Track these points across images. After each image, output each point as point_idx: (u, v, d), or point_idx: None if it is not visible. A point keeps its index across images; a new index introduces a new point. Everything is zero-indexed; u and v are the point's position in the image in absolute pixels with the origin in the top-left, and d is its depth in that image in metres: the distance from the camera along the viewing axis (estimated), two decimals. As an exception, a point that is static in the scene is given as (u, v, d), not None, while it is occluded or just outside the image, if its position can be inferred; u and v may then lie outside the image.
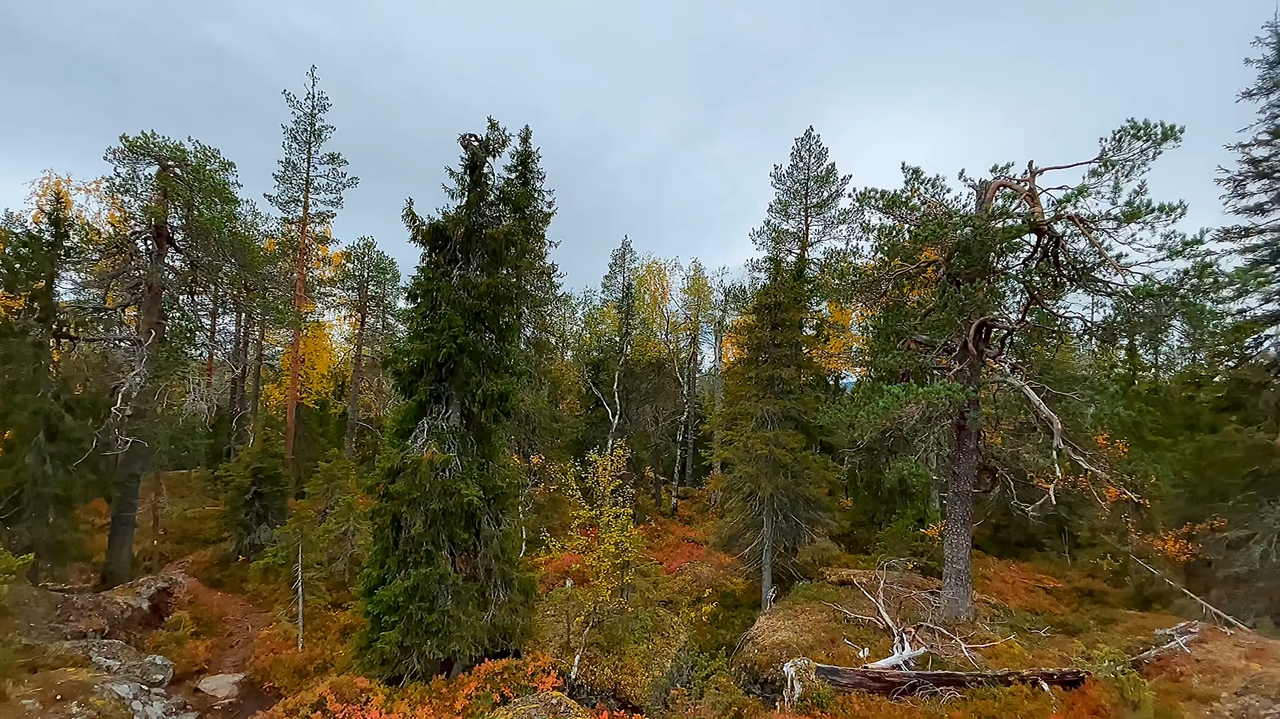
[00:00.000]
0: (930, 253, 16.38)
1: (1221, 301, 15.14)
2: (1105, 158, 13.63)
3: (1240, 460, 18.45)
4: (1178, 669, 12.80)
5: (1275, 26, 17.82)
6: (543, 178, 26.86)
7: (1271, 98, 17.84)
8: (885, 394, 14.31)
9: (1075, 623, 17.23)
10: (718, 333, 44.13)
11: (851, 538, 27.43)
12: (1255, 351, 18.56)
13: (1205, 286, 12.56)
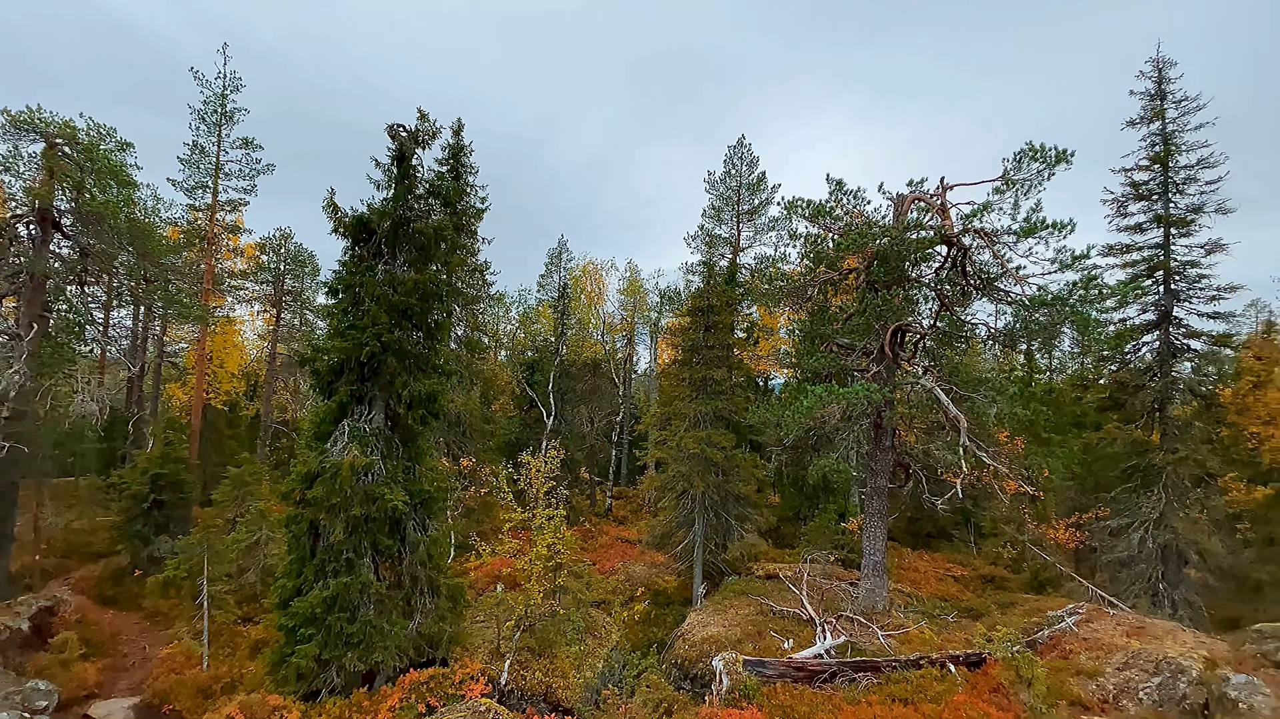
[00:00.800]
0: (852, 261, 17.17)
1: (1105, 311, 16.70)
2: (1007, 176, 14.74)
3: (1121, 455, 20.46)
4: (1067, 647, 14.02)
5: (1156, 63, 19.84)
6: (476, 173, 26.27)
7: (1151, 127, 19.84)
8: (809, 394, 14.91)
9: (979, 607, 18.52)
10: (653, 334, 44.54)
11: (779, 533, 28.35)
12: (1133, 357, 20.58)
13: (1091, 297, 13.81)
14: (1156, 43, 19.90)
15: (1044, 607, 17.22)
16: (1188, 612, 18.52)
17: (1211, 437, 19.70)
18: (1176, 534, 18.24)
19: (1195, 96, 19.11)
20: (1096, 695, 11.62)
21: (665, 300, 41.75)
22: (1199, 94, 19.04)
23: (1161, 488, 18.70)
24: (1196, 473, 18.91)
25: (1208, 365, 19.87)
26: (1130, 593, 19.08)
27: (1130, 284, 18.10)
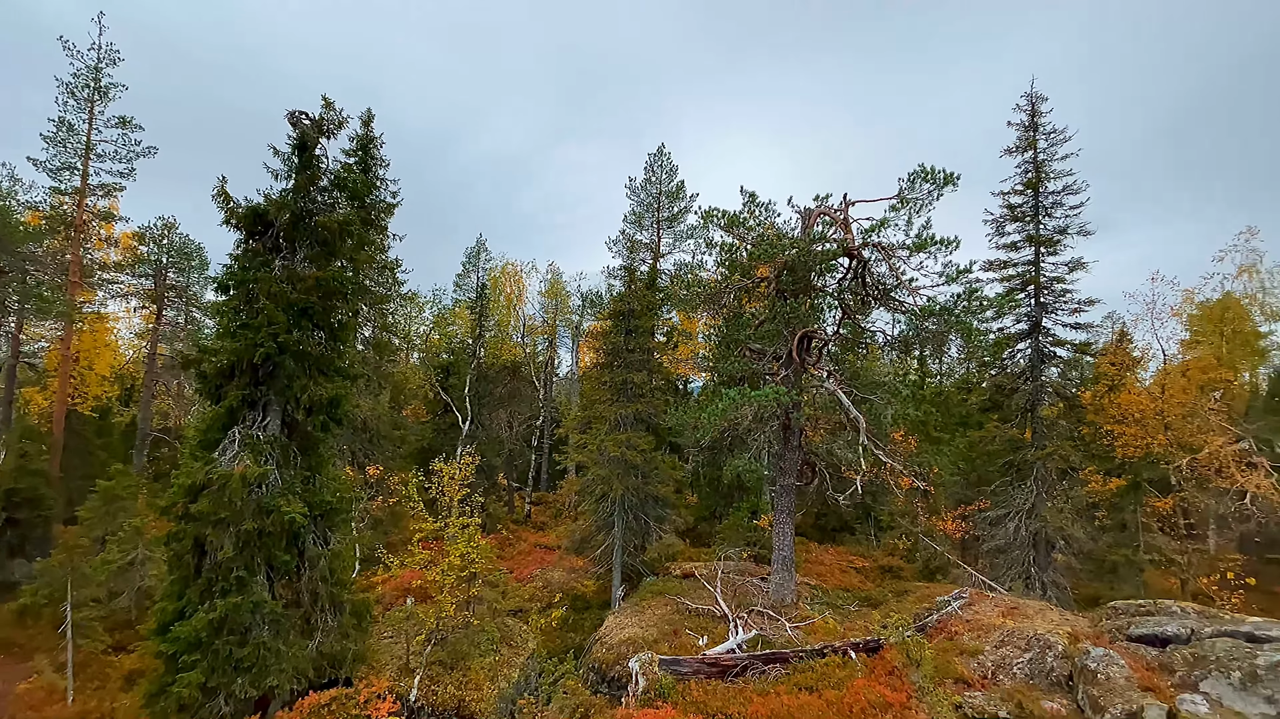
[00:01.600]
0: (764, 269, 17.93)
1: (985, 321, 18.39)
2: (902, 195, 15.90)
3: (1000, 452, 22.48)
4: (953, 629, 15.23)
5: (1030, 97, 22.02)
6: (387, 165, 25.18)
7: (1025, 155, 22.00)
8: (724, 397, 15.42)
9: (877, 596, 19.77)
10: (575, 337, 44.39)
11: (695, 532, 29.01)
12: (1010, 363, 22.71)
13: (973, 308, 15.17)
14: (1031, 78, 22.13)
15: (934, 593, 18.62)
16: (1055, 592, 20.61)
17: (1074, 434, 22.07)
18: (1045, 522, 20.28)
19: (1062, 130, 21.42)
20: (977, 672, 12.71)
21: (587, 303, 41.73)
22: (1065, 127, 21.34)
23: (1033, 481, 20.73)
24: (1061, 466, 21.11)
25: (1071, 370, 22.29)
26: (1007, 577, 21.00)
27: (1006, 297, 20.02)
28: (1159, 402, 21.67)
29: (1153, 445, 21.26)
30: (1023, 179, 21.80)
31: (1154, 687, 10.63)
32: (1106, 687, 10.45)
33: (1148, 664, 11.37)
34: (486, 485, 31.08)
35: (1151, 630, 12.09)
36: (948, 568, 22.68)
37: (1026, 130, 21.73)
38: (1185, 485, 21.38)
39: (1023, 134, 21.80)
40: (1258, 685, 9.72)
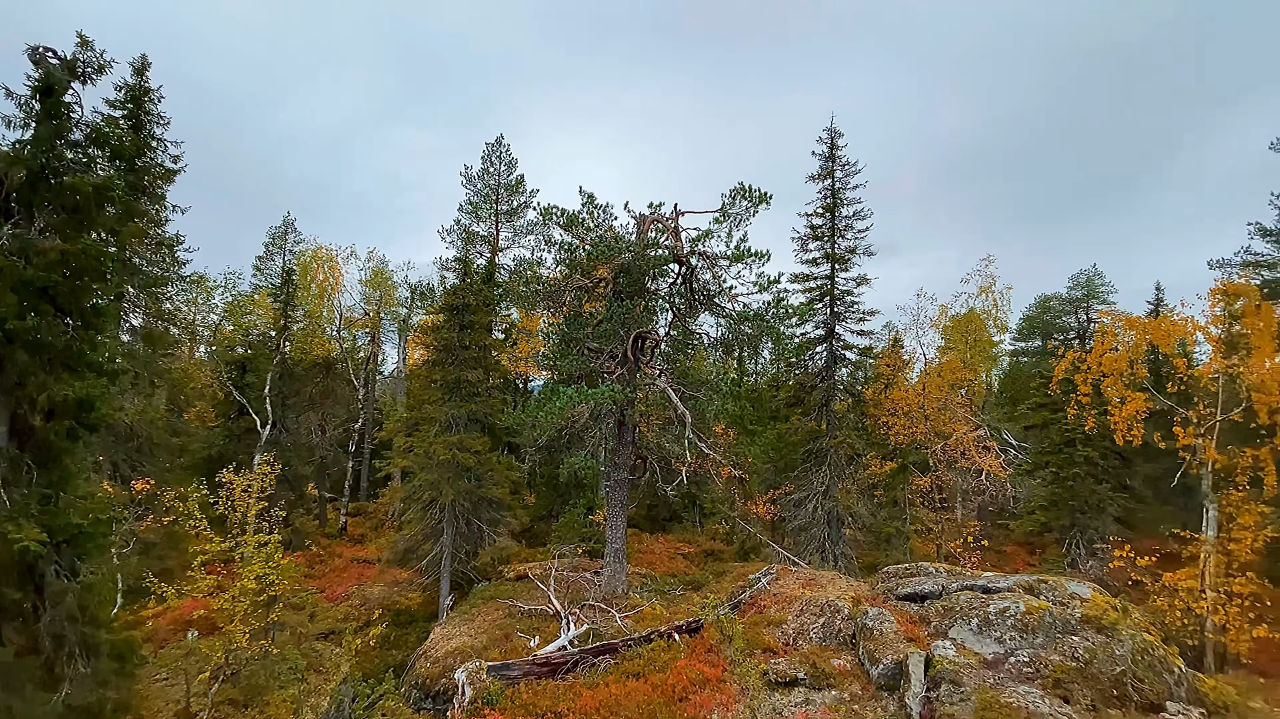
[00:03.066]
0: (603, 270, 18.32)
1: (791, 327, 20.63)
2: (724, 209, 17.25)
3: (802, 441, 25.39)
4: (763, 604, 16.85)
5: (830, 132, 25.11)
6: (167, 124, 21.33)
7: (825, 182, 25.05)
8: (561, 395, 15.48)
9: (701, 579, 21.23)
10: (402, 332, 41.36)
11: (533, 533, 28.71)
12: (810, 363, 25.77)
13: (781, 314, 16.97)
14: (831, 115, 25.30)
15: (748, 571, 20.47)
16: (844, 562, 23.84)
17: (859, 425, 25.73)
18: (837, 502, 23.37)
19: (855, 162, 24.76)
20: (781, 640, 14.24)
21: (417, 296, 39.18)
22: (857, 160, 24.70)
23: (827, 466, 23.75)
24: (849, 453, 24.47)
25: (857, 371, 25.96)
26: (807, 551, 23.84)
27: (807, 306, 22.67)
28: (921, 397, 26.06)
29: (916, 433, 25.48)
30: (822, 203, 24.84)
31: (915, 637, 12.77)
32: (880, 641, 12.33)
33: (911, 618, 13.64)
34: (292, 497, 27.76)
35: (913, 589, 14.52)
36: (760, 547, 25.09)
37: (826, 160, 24.77)
38: (939, 466, 25.96)
39: (823, 163, 24.82)
40: (990, 629, 12.11)
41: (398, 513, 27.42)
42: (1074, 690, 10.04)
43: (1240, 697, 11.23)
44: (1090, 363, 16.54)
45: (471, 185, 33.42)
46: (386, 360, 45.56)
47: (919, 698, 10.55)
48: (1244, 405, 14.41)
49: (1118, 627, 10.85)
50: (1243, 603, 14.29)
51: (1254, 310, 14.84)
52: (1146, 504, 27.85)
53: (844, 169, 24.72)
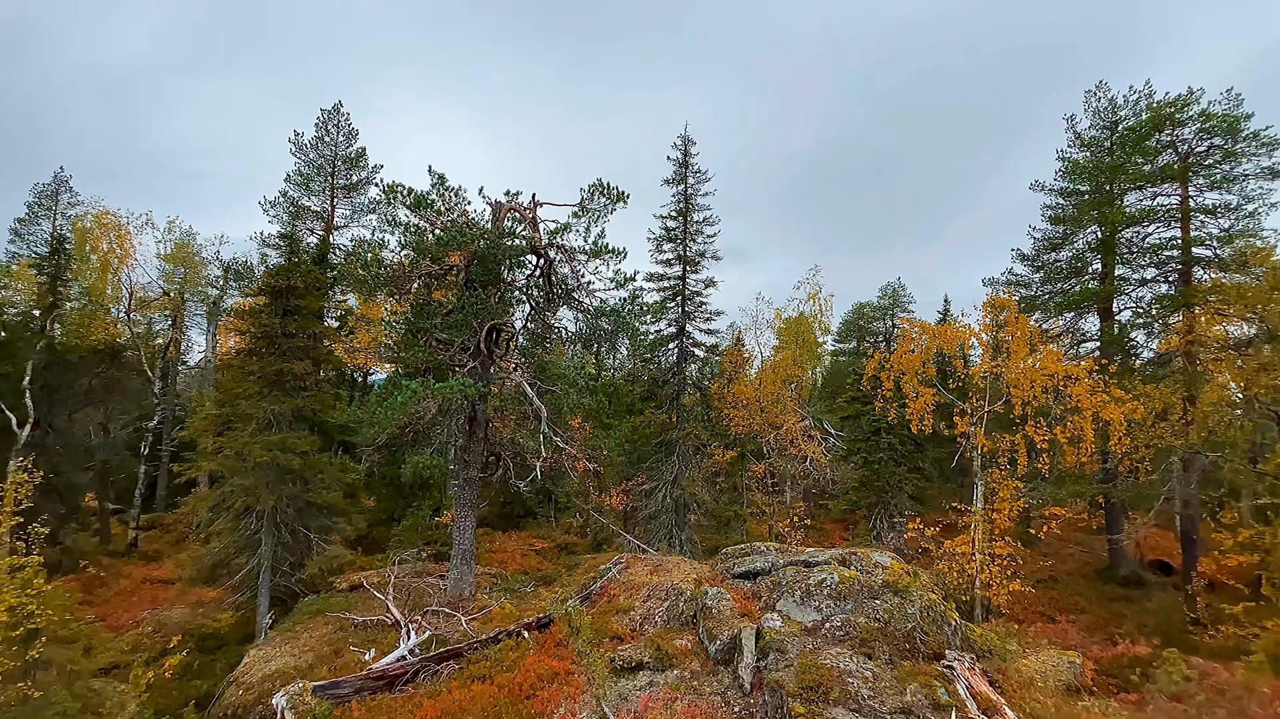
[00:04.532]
0: (455, 257, 17.43)
1: (645, 324, 21.27)
2: (583, 204, 17.25)
3: (653, 433, 26.33)
4: (613, 592, 17.22)
5: (684, 139, 26.14)
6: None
7: (679, 187, 26.08)
8: (404, 389, 14.48)
9: (553, 574, 21.17)
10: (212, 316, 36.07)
11: (371, 539, 26.65)
12: (662, 359, 26.80)
13: (636, 311, 17.40)
14: (685, 124, 26.40)
15: (600, 562, 20.79)
16: (689, 547, 25.15)
17: (705, 417, 27.28)
18: (684, 490, 24.59)
19: (705, 171, 26.04)
20: (629, 627, 14.65)
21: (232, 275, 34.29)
22: (708, 169, 26.02)
23: (676, 457, 24.90)
24: (696, 444, 25.87)
25: (705, 367, 27.50)
26: (656, 539, 24.80)
27: (661, 304, 23.51)
28: (758, 391, 28.27)
29: (754, 424, 27.61)
30: (676, 207, 25.89)
31: (749, 612, 13.82)
32: (718, 619, 13.18)
33: (745, 595, 14.75)
34: (62, 510, 23.10)
35: (747, 568, 15.71)
36: (613, 538, 25.63)
37: (680, 166, 25.83)
38: (772, 453, 28.38)
39: (678, 169, 25.85)
40: (811, 599, 13.44)
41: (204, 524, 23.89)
42: (876, 647, 11.52)
43: (1000, 641, 13.66)
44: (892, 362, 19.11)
45: (303, 154, 30.01)
46: (192, 349, 39.56)
47: (750, 668, 11.45)
48: (1004, 399, 17.63)
49: (910, 589, 12.65)
50: (1002, 563, 17.46)
51: (1013, 321, 18.21)
52: (934, 483, 32.80)
53: (696, 176, 25.93)
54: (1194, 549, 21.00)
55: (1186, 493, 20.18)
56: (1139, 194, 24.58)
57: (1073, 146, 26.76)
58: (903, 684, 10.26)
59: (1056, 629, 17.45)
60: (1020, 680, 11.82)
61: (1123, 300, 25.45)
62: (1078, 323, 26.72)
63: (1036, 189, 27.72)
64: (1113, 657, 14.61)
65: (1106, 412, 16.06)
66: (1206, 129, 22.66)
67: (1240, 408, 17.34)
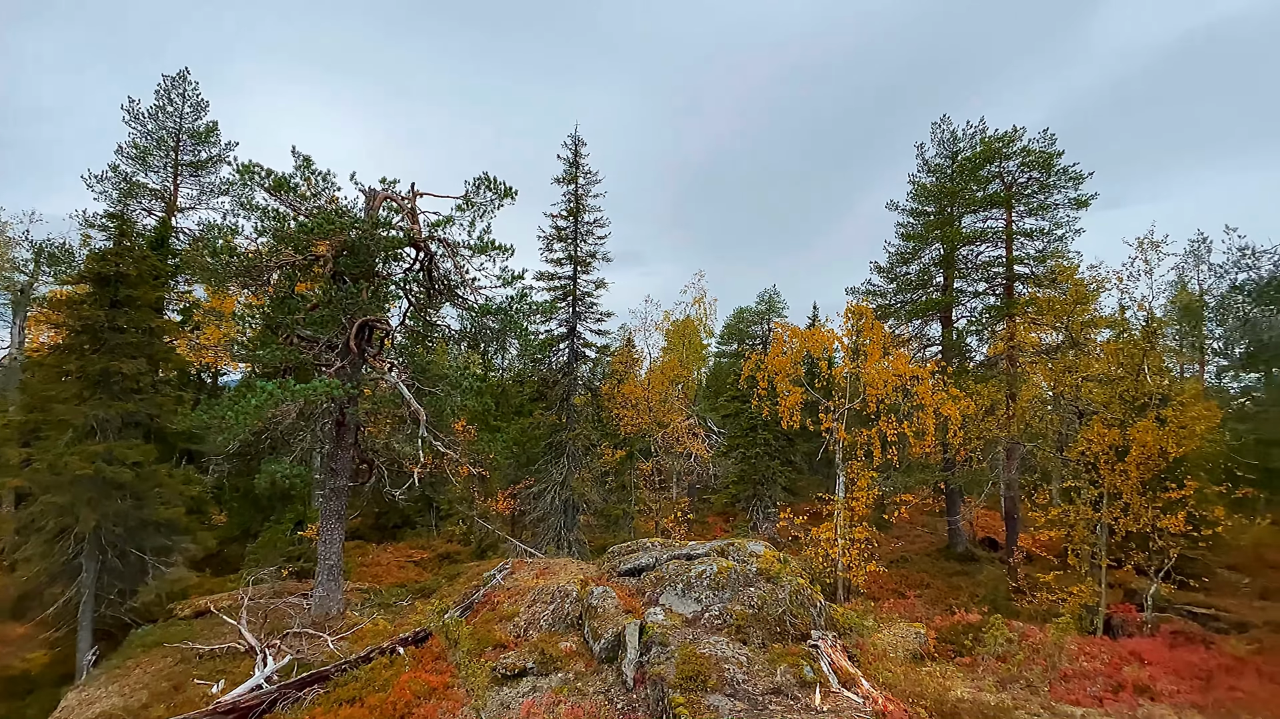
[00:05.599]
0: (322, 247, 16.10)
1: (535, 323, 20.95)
2: (468, 197, 16.64)
3: (543, 435, 25.99)
4: (496, 599, 16.74)
5: (575, 139, 26.02)
6: None
7: (569, 187, 25.91)
8: (260, 391, 13.16)
9: (432, 585, 20.20)
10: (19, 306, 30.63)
11: (223, 557, 23.92)
12: (553, 359, 26.54)
13: (525, 310, 17.06)
14: (575, 124, 26.30)
15: (484, 569, 20.13)
16: (578, 548, 25.09)
17: (595, 418, 27.37)
18: (573, 491, 24.50)
19: (595, 172, 26.14)
20: (513, 633, 14.32)
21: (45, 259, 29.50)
22: (598, 171, 26.13)
23: (566, 457, 24.75)
24: (586, 444, 25.87)
25: (596, 367, 27.56)
26: (545, 542, 24.50)
27: (551, 304, 23.27)
28: (647, 391, 28.85)
29: (642, 424, 28.13)
30: (567, 206, 25.75)
31: (633, 608, 14.02)
32: (603, 617, 13.26)
33: (630, 591, 14.96)
34: None
35: (633, 565, 15.95)
36: (498, 544, 24.96)
37: (571, 166, 25.73)
38: (659, 451, 29.07)
39: (568, 168, 25.73)
40: (691, 591, 13.91)
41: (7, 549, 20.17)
42: (750, 633, 12.17)
43: (858, 618, 14.95)
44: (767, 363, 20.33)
45: (140, 124, 26.36)
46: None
47: (634, 664, 11.63)
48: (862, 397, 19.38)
49: (781, 575, 13.50)
50: (860, 546, 19.15)
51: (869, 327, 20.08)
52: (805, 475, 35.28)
53: (587, 177, 25.96)
54: (1015, 527, 24.32)
55: (1009, 478, 23.36)
56: (973, 217, 28.06)
57: (921, 172, 29.94)
58: (774, 666, 10.91)
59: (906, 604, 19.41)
60: (875, 653, 13.02)
61: (960, 310, 28.95)
62: (924, 329, 29.96)
63: (891, 208, 30.72)
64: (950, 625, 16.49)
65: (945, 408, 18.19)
66: (1027, 163, 26.33)
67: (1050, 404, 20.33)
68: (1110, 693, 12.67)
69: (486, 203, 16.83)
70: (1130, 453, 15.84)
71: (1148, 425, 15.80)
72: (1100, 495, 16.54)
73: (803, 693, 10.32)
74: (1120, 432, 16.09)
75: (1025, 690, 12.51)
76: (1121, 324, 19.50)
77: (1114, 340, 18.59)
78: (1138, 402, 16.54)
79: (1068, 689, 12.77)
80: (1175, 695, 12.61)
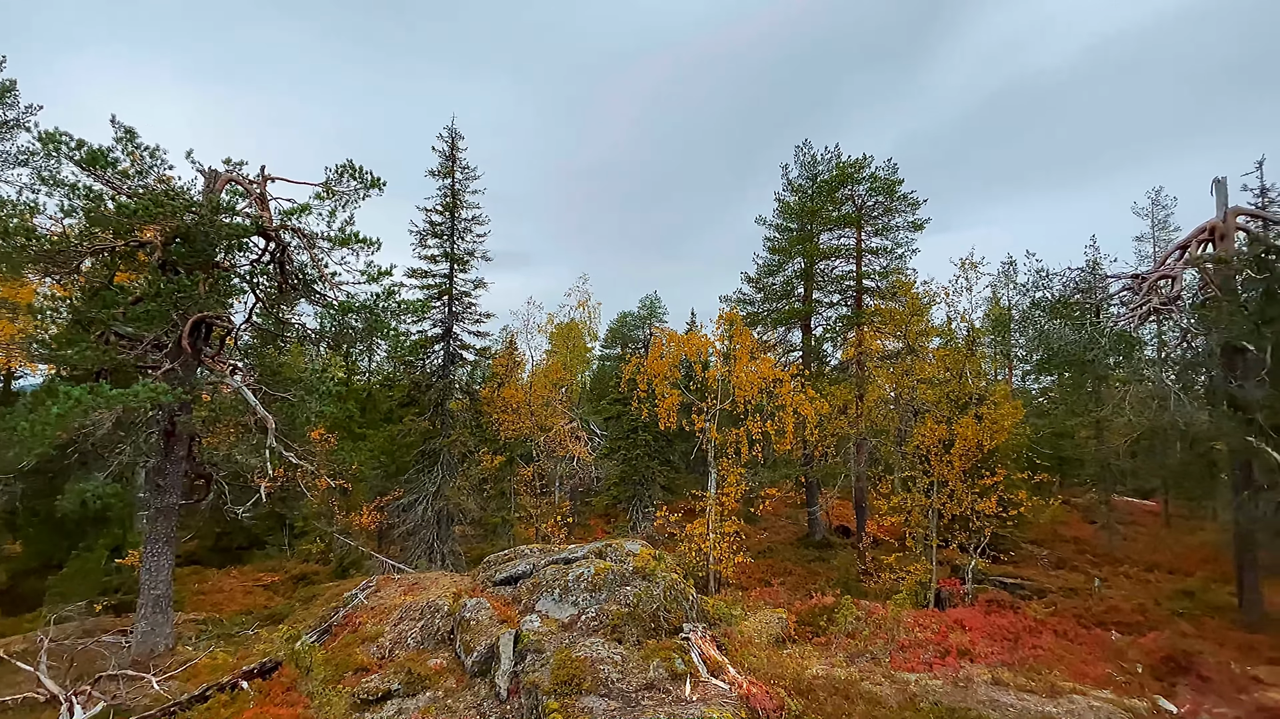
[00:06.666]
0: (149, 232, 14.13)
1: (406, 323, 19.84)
2: (329, 185, 15.42)
3: (415, 442, 24.63)
4: (358, 621, 15.59)
5: (451, 131, 25.01)
6: None
7: (445, 181, 24.89)
8: (64, 398, 11.25)
9: (284, 610, 18.40)
10: None
11: (18, 593, 20.13)
12: (427, 362, 25.27)
13: (393, 308, 16.08)
14: (452, 116, 25.34)
15: (344, 589, 18.66)
16: (453, 560, 24.04)
17: (474, 423, 26.40)
18: (448, 501, 23.45)
19: (474, 168, 25.35)
20: (376, 655, 13.41)
21: None
22: (476, 166, 25.33)
23: (440, 466, 23.65)
24: (463, 451, 24.89)
25: (475, 370, 26.63)
26: (416, 556, 23.21)
27: (425, 303, 22.19)
28: (529, 395, 28.37)
29: (524, 428, 27.60)
30: (442, 201, 24.72)
31: (508, 617, 13.69)
32: (476, 629, 12.82)
33: (505, 601, 14.59)
34: None
35: (510, 573, 15.58)
36: (362, 561, 23.27)
37: (447, 160, 24.75)
38: (541, 456, 28.67)
39: (444, 161, 24.73)
40: (569, 595, 13.84)
41: None
42: (626, 631, 12.36)
43: (727, 608, 15.70)
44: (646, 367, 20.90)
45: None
46: None
47: (508, 674, 11.37)
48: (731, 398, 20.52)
49: (655, 573, 13.86)
50: (730, 539, 20.18)
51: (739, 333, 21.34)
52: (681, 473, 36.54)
53: (465, 172, 25.10)
54: (864, 515, 26.90)
55: (858, 470, 25.82)
56: (830, 234, 30.80)
57: (786, 191, 32.31)
58: (647, 662, 11.16)
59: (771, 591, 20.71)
60: (741, 640, 13.75)
61: (818, 319, 31.63)
62: (787, 336, 32.39)
63: (760, 223, 32.85)
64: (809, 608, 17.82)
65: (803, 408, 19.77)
66: (874, 188, 29.33)
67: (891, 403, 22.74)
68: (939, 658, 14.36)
69: (350, 192, 15.70)
70: (955, 446, 18.14)
71: (968, 422, 18.19)
72: (931, 484, 18.75)
73: (674, 685, 10.66)
74: (947, 427, 18.38)
75: (870, 663, 13.83)
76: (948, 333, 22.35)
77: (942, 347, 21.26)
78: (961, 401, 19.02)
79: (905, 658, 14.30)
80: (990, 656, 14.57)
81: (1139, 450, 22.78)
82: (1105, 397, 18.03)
